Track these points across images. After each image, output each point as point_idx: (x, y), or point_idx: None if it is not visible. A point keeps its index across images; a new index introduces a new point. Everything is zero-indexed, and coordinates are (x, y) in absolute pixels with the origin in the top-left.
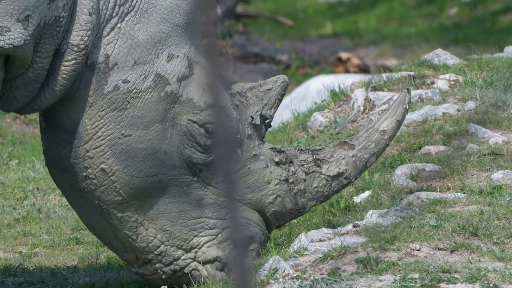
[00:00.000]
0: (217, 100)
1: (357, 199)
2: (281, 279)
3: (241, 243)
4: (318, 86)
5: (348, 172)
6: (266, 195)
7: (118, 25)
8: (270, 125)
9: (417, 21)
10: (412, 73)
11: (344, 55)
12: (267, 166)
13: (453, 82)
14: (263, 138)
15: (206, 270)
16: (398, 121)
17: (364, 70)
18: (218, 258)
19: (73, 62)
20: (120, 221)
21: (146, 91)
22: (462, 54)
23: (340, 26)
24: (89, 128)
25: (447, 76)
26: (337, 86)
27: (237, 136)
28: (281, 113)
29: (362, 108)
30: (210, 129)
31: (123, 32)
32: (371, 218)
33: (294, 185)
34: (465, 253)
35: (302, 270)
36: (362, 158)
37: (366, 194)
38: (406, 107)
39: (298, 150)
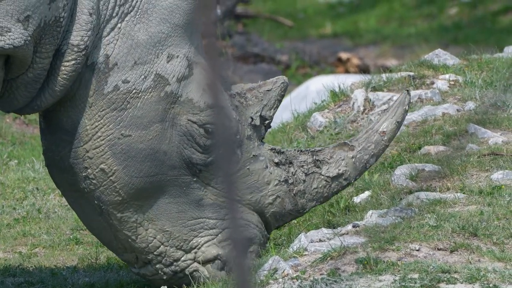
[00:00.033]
0: (216, 100)
1: (356, 199)
2: (280, 279)
3: (240, 243)
4: (318, 86)
5: (347, 173)
6: (266, 196)
7: (118, 25)
8: (269, 126)
9: (417, 21)
10: (412, 73)
11: (344, 55)
12: (267, 167)
13: (452, 82)
14: (263, 139)
15: (207, 270)
16: (397, 122)
17: (364, 70)
18: (218, 256)
19: (73, 62)
20: (119, 221)
21: (146, 91)
22: (462, 54)
23: (340, 26)
24: (89, 128)
25: (447, 76)
26: (337, 86)
27: (236, 136)
28: (281, 113)
29: (362, 108)
30: (209, 129)
31: (123, 32)
32: (371, 218)
33: (294, 186)
34: (464, 253)
35: (302, 270)
36: (362, 159)
37: (365, 194)
38: (406, 108)
39: (298, 151)
